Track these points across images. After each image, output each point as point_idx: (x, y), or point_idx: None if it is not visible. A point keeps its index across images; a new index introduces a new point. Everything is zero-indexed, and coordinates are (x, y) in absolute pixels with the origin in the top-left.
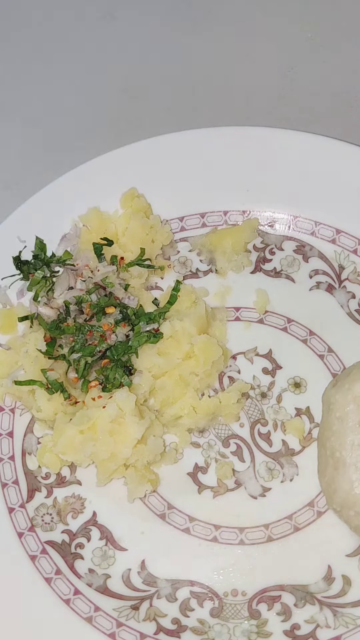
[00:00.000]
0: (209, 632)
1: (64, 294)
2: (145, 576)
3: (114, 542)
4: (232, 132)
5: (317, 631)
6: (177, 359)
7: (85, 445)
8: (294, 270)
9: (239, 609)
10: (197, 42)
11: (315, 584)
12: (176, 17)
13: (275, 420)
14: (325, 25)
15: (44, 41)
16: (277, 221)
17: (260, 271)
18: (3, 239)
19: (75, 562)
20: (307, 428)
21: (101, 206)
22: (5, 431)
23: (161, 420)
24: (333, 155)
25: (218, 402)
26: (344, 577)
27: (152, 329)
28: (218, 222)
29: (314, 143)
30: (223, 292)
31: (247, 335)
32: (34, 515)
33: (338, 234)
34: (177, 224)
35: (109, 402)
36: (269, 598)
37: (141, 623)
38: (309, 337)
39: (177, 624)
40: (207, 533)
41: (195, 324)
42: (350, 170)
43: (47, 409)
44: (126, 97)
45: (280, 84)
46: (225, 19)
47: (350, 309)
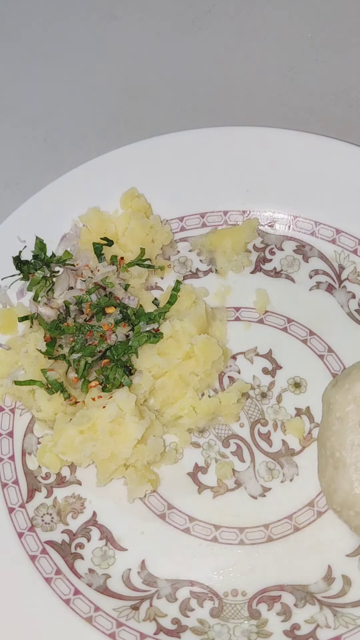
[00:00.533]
0: (209, 632)
1: (64, 294)
2: (145, 576)
3: (114, 542)
4: (232, 132)
5: (317, 631)
6: (177, 359)
7: (85, 445)
8: (294, 270)
9: (239, 609)
10: (197, 42)
11: (315, 584)
12: (176, 17)
13: (275, 420)
14: (325, 25)
15: (44, 41)
16: (277, 221)
17: (260, 271)
18: (3, 239)
19: (75, 562)
20: (307, 428)
21: (101, 206)
22: (5, 431)
23: (161, 420)
24: (333, 155)
25: (218, 402)
26: (344, 577)
27: (152, 329)
28: (218, 222)
29: (314, 143)
30: (223, 292)
31: (247, 335)
32: (34, 515)
33: (338, 234)
34: (177, 224)
35: (109, 402)
36: (269, 598)
37: (141, 623)
38: (309, 337)
39: (177, 624)
40: (207, 533)
41: (195, 324)
42: (350, 170)
43: (47, 409)
44: (126, 97)
45: (280, 84)
46: (225, 19)
47: (350, 309)
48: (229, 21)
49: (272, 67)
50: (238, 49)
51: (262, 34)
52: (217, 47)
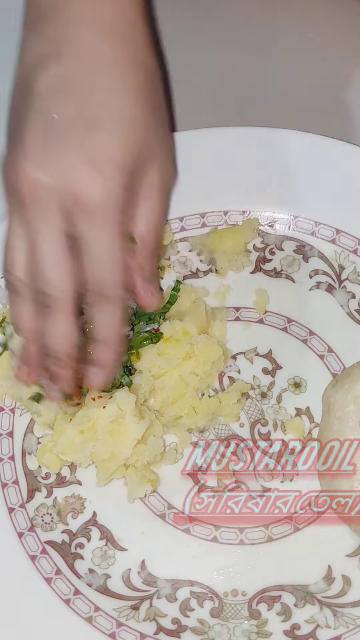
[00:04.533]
0: (209, 632)
1: None
2: (145, 576)
3: (114, 542)
4: (232, 132)
5: (317, 631)
6: (177, 359)
7: (85, 445)
8: (294, 270)
9: (239, 609)
10: (197, 42)
11: (315, 584)
12: (176, 17)
13: (275, 420)
14: (325, 25)
15: None
16: (277, 221)
17: (260, 271)
18: (3, 238)
19: (75, 562)
20: (307, 428)
21: None
22: (5, 431)
23: (161, 420)
24: (333, 155)
25: (218, 402)
26: (344, 577)
27: (152, 329)
28: (218, 222)
29: (314, 143)
30: (223, 292)
31: (247, 335)
32: (34, 515)
33: (338, 234)
34: (177, 224)
35: (109, 402)
36: (269, 598)
37: (141, 623)
38: (309, 337)
39: (177, 624)
40: (207, 533)
41: (195, 324)
42: (350, 170)
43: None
44: None
45: (281, 84)
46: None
47: (350, 309)
48: (229, 21)
49: (272, 67)
50: (238, 49)
51: (262, 34)
52: (218, 47)
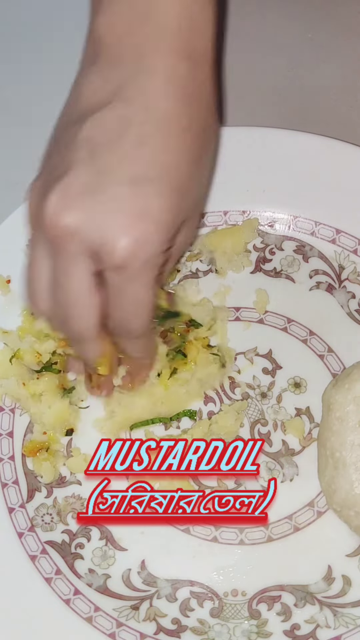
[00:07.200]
0: (209, 632)
1: None
2: (145, 576)
3: (114, 542)
4: (232, 132)
5: (317, 631)
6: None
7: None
8: (294, 270)
9: (239, 609)
10: None
11: (315, 584)
12: None
13: (275, 420)
14: (325, 25)
15: (45, 41)
16: (277, 221)
17: (260, 271)
18: (3, 239)
19: (75, 562)
20: (307, 428)
21: None
22: (5, 431)
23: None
24: (333, 155)
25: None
26: (344, 577)
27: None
28: (218, 222)
29: (314, 143)
30: (223, 292)
31: (247, 335)
32: (34, 515)
33: (338, 234)
34: None
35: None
36: (269, 598)
37: (141, 623)
38: (309, 337)
39: (177, 624)
40: (207, 533)
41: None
42: (350, 170)
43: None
44: None
45: (280, 84)
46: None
47: (350, 309)
48: (229, 21)
49: (272, 67)
50: (238, 48)
51: (262, 34)
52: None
